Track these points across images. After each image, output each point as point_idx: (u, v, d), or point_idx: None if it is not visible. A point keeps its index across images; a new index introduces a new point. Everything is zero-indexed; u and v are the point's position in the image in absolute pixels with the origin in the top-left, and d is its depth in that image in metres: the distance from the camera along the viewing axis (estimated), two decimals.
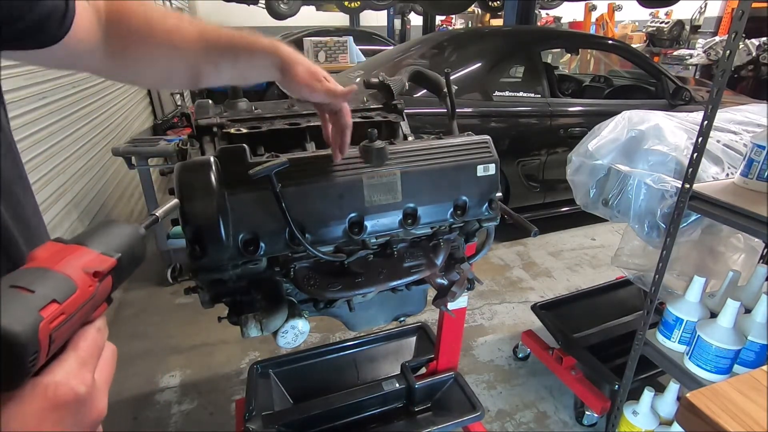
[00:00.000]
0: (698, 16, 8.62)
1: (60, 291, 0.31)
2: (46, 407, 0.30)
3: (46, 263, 0.32)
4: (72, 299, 0.31)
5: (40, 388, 0.30)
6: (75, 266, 0.32)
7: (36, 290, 0.29)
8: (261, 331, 0.85)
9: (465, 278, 1.03)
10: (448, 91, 1.07)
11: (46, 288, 0.30)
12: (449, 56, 3.17)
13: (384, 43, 7.02)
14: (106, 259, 0.35)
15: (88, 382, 0.33)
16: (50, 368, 0.31)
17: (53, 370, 0.31)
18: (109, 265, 0.35)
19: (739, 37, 1.03)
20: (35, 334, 0.28)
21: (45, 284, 0.30)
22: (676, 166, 1.34)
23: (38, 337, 0.28)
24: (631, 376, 1.47)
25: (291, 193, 0.79)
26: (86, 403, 0.32)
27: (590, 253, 3.13)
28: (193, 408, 1.85)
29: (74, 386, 0.31)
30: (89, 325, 0.35)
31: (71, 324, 0.32)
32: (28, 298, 0.29)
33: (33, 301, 0.29)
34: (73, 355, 0.33)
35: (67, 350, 0.33)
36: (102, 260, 0.34)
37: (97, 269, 0.33)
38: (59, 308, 0.30)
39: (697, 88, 3.60)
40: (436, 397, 1.60)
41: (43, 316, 0.29)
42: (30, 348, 0.28)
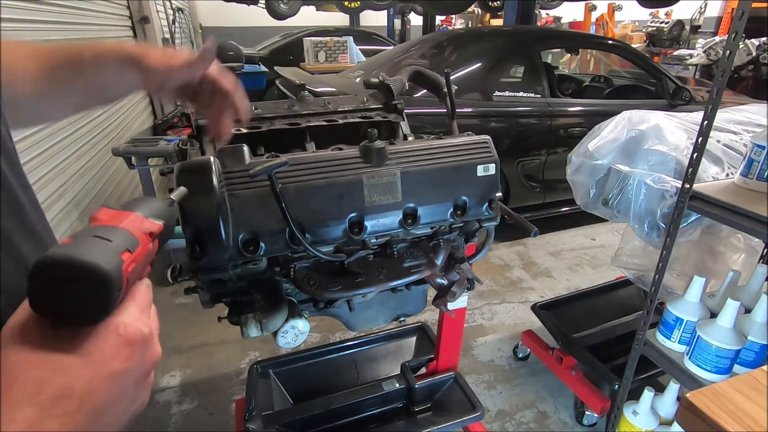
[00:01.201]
0: (698, 16, 8.62)
1: (130, 243, 0.35)
2: (120, 342, 0.33)
3: (111, 222, 0.36)
4: (138, 251, 0.35)
5: (113, 326, 0.33)
6: (135, 226, 0.37)
7: (113, 240, 0.33)
8: (261, 331, 0.85)
9: (465, 278, 1.03)
10: (448, 91, 1.08)
11: (120, 239, 0.34)
12: (449, 56, 3.17)
13: (384, 43, 7.02)
14: (155, 224, 0.39)
15: (149, 325, 0.37)
16: (117, 312, 0.34)
17: (121, 313, 0.35)
18: (159, 228, 0.39)
19: (739, 37, 1.03)
20: (120, 273, 0.32)
21: (118, 236, 0.34)
22: (676, 166, 1.34)
23: (122, 276, 0.32)
24: (631, 376, 1.47)
25: (291, 193, 0.79)
26: (148, 343, 0.37)
27: (590, 253, 3.13)
28: (193, 408, 1.85)
29: (140, 327, 0.35)
30: (141, 281, 0.39)
31: (137, 273, 0.36)
32: (109, 245, 0.33)
33: (113, 247, 0.33)
34: (133, 303, 0.36)
35: (127, 299, 0.36)
36: (152, 224, 0.39)
37: (152, 230, 0.38)
38: (132, 256, 0.34)
39: (697, 88, 3.60)
40: (436, 397, 1.60)
41: (123, 260, 0.33)
42: (117, 284, 0.32)
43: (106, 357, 0.32)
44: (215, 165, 0.75)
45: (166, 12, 4.95)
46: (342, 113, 1.07)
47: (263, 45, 6.96)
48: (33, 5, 2.19)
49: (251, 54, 6.29)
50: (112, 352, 0.33)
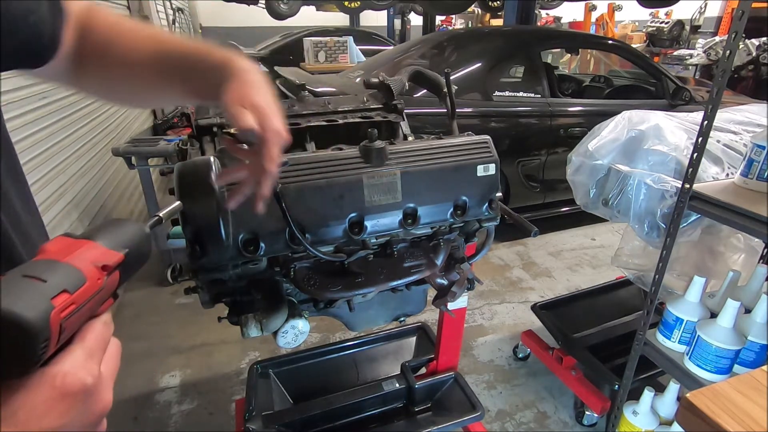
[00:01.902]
0: (698, 16, 8.62)
1: (70, 282, 0.31)
2: (54, 396, 0.30)
3: (57, 256, 0.32)
4: (82, 290, 0.31)
5: (48, 377, 0.30)
6: (84, 259, 0.33)
7: (48, 280, 0.30)
8: (261, 331, 0.85)
9: (465, 278, 1.03)
10: (448, 91, 1.08)
11: (57, 278, 0.30)
12: (449, 56, 3.17)
13: (384, 43, 7.02)
14: (114, 254, 0.35)
15: (95, 373, 0.33)
16: (58, 359, 0.31)
17: (61, 360, 0.31)
18: (117, 259, 0.35)
19: (739, 37, 1.03)
20: (47, 322, 0.28)
21: (56, 275, 0.30)
22: (676, 166, 1.34)
23: (50, 325, 0.29)
24: (631, 376, 1.47)
25: (291, 193, 0.79)
26: (93, 394, 0.32)
27: (590, 253, 3.13)
28: (193, 408, 1.85)
29: (82, 377, 0.31)
30: (96, 319, 0.35)
31: (80, 315, 0.32)
32: (40, 287, 0.29)
33: (45, 289, 0.29)
34: (81, 346, 0.33)
35: (75, 342, 0.33)
36: (110, 255, 0.35)
37: (106, 263, 0.34)
38: (70, 298, 0.30)
39: (697, 88, 3.60)
40: (436, 397, 1.60)
41: (54, 305, 0.29)
42: (42, 335, 0.28)
43: (38, 412, 0.29)
44: (215, 165, 0.75)
45: (166, 12, 4.95)
46: (342, 113, 1.07)
47: (263, 45, 6.96)
48: None
49: (251, 54, 6.29)
50: (45, 407, 0.29)
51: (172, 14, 5.13)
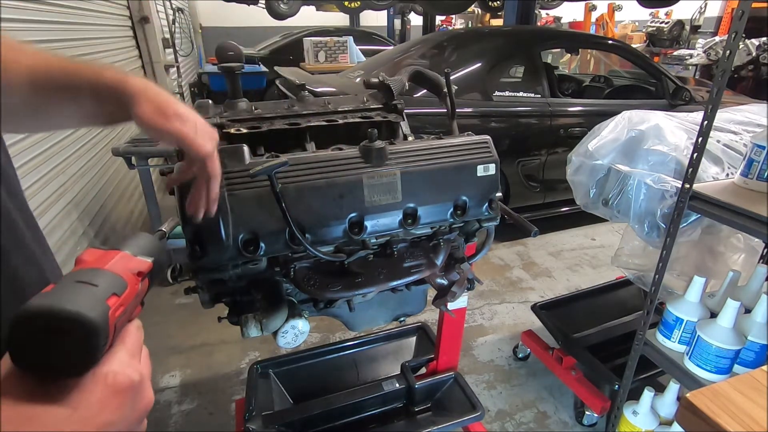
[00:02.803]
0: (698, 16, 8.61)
1: (117, 286, 0.33)
2: (107, 393, 0.32)
3: (96, 264, 0.34)
4: (126, 294, 0.34)
5: (100, 376, 0.32)
6: (122, 267, 0.35)
7: (98, 284, 0.32)
8: (261, 331, 0.85)
9: (465, 278, 1.03)
10: (448, 91, 1.08)
11: (106, 283, 0.32)
12: (449, 56, 3.17)
13: (384, 43, 7.02)
14: (145, 262, 0.38)
15: (140, 370, 0.35)
16: (105, 359, 0.33)
17: (108, 360, 0.33)
18: (148, 267, 0.38)
19: (739, 37, 1.03)
20: (106, 321, 0.31)
21: (103, 280, 0.33)
22: (676, 166, 1.34)
23: (108, 324, 0.31)
24: (631, 376, 1.47)
25: (291, 193, 0.79)
26: (140, 391, 0.35)
27: (590, 253, 3.13)
28: (193, 408, 1.85)
29: (130, 374, 0.33)
30: (130, 323, 0.37)
31: (126, 316, 0.34)
32: (94, 291, 0.31)
33: (98, 292, 0.31)
34: (123, 348, 0.35)
35: (116, 344, 0.34)
36: (142, 263, 0.38)
37: (140, 270, 0.37)
38: (119, 300, 0.33)
39: (697, 88, 3.60)
40: (436, 397, 1.60)
41: (109, 306, 0.31)
42: (103, 334, 0.30)
43: (94, 409, 0.31)
44: None
45: (166, 12, 4.95)
46: (342, 113, 1.07)
47: (263, 45, 6.96)
48: (33, 5, 2.19)
49: (251, 54, 6.30)
50: (100, 404, 0.31)
51: (172, 14, 5.13)
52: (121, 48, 3.64)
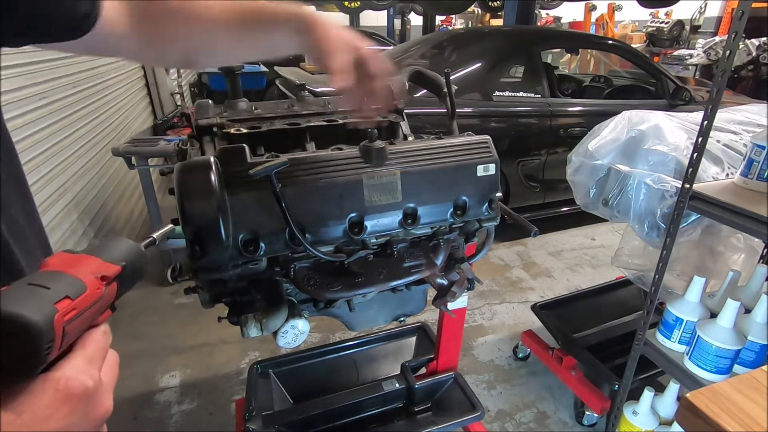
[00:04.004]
0: (698, 16, 8.62)
1: (72, 289, 0.33)
2: (57, 398, 0.31)
3: (59, 268, 0.34)
4: (82, 297, 0.33)
5: (50, 381, 0.31)
6: (85, 270, 0.35)
7: (51, 287, 0.31)
8: (261, 331, 0.85)
9: (465, 278, 1.03)
10: (448, 91, 1.07)
11: (60, 286, 0.32)
12: (449, 56, 3.17)
13: (384, 43, 7.02)
14: (112, 266, 0.38)
15: (96, 377, 0.34)
16: (60, 364, 0.32)
17: (63, 365, 0.32)
18: (115, 271, 0.38)
19: (739, 37, 1.03)
20: (51, 324, 0.30)
21: (59, 283, 0.32)
22: (676, 166, 1.34)
23: (54, 327, 0.30)
24: (631, 376, 1.47)
25: (291, 193, 0.79)
26: (94, 397, 0.33)
27: (590, 253, 3.13)
28: (193, 408, 1.85)
29: (83, 380, 0.32)
30: (95, 328, 0.37)
31: (80, 321, 0.34)
32: (44, 293, 0.31)
33: (48, 295, 0.31)
34: (81, 353, 0.34)
35: (75, 349, 0.34)
36: (108, 267, 0.37)
37: (105, 274, 0.37)
38: (71, 304, 0.32)
39: (697, 88, 3.60)
40: (436, 397, 1.60)
41: (57, 309, 0.31)
42: (46, 336, 0.29)
43: (41, 415, 0.29)
44: (215, 165, 0.75)
45: None
46: (342, 113, 1.07)
47: None
48: None
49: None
50: (48, 409, 0.30)
51: None
52: None
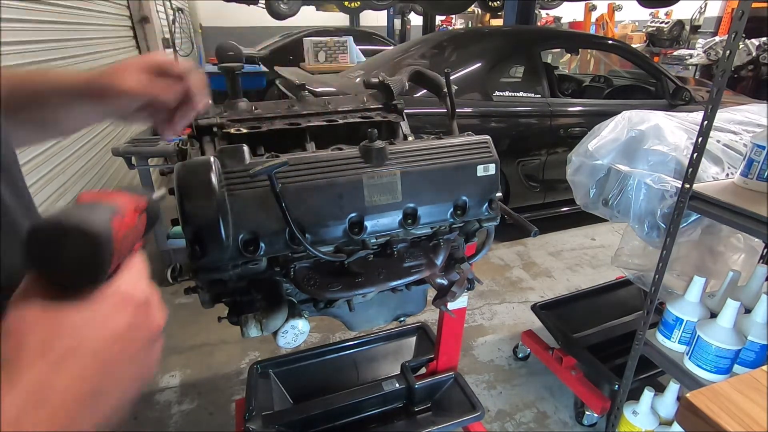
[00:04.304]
0: (698, 16, 8.61)
1: (116, 211, 0.35)
2: (121, 303, 0.34)
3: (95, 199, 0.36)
4: (126, 219, 0.36)
5: (111, 290, 0.34)
6: (119, 201, 0.37)
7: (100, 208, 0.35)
8: (261, 331, 0.85)
9: (465, 278, 1.03)
10: (448, 91, 1.07)
11: (107, 208, 0.35)
12: (449, 56, 3.17)
13: (384, 43, 7.02)
14: (141, 198, 0.40)
15: (148, 290, 0.38)
16: (115, 279, 0.35)
17: (118, 280, 0.35)
18: (144, 202, 0.40)
19: (739, 37, 1.03)
20: (110, 233, 0.33)
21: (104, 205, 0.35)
22: (676, 166, 1.34)
23: (112, 239, 0.33)
24: (631, 376, 1.47)
25: (291, 193, 0.79)
26: (150, 306, 0.37)
27: (590, 253, 3.13)
28: (193, 408, 1.85)
29: (141, 288, 0.37)
30: (134, 253, 0.40)
31: (126, 242, 0.37)
32: (98, 211, 0.34)
33: (101, 211, 0.34)
34: (129, 271, 0.37)
35: (123, 269, 0.37)
36: (138, 198, 0.40)
37: (137, 204, 0.39)
38: (120, 220, 0.35)
39: (697, 88, 3.60)
40: (436, 397, 1.60)
41: (113, 222, 0.34)
42: (107, 243, 0.33)
43: (109, 317, 0.33)
44: (215, 165, 0.75)
45: (166, 12, 4.95)
46: (342, 113, 1.07)
47: (263, 45, 6.95)
48: (33, 5, 2.19)
49: (251, 54, 6.29)
50: (114, 313, 0.34)
51: (172, 14, 5.13)
52: (121, 48, 3.64)
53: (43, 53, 2.21)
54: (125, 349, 0.34)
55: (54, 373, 0.29)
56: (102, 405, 0.32)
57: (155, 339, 0.38)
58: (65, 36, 2.54)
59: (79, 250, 0.31)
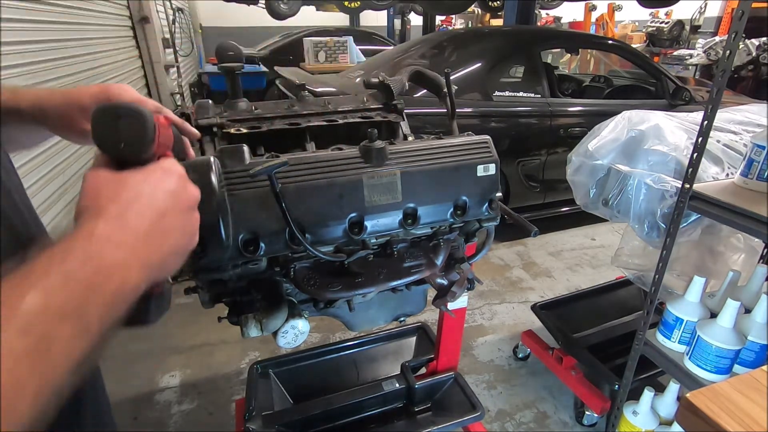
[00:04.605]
0: (698, 16, 8.61)
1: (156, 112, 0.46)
2: (165, 172, 0.44)
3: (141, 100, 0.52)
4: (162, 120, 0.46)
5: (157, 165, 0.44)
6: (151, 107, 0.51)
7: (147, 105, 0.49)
8: (261, 331, 0.85)
9: (465, 278, 1.03)
10: (448, 91, 1.07)
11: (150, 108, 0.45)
12: (449, 56, 3.17)
13: (384, 43, 7.02)
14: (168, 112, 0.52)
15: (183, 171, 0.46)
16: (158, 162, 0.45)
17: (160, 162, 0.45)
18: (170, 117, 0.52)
19: (739, 37, 1.03)
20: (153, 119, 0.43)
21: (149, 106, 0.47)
22: (676, 166, 1.34)
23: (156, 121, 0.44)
24: (631, 376, 1.47)
25: (291, 193, 0.79)
26: (188, 183, 0.46)
27: (590, 253, 3.13)
28: (193, 408, 1.85)
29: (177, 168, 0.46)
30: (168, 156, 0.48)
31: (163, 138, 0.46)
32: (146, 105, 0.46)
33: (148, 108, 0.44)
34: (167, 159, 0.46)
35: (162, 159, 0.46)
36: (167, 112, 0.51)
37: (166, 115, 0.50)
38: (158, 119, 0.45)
39: (697, 88, 3.60)
40: (436, 397, 1.60)
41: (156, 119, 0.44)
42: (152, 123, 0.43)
43: (159, 178, 0.43)
44: (215, 165, 0.74)
45: (166, 12, 4.95)
46: (342, 113, 1.07)
47: (263, 45, 6.96)
48: (33, 5, 2.19)
49: (251, 54, 6.30)
50: (163, 177, 0.43)
51: (172, 14, 5.13)
52: (121, 48, 3.64)
53: (43, 53, 2.21)
54: (173, 203, 0.42)
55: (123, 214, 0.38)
56: (160, 245, 0.41)
57: (193, 207, 0.46)
58: (65, 36, 2.54)
59: (134, 127, 0.42)
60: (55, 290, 0.32)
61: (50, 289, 0.31)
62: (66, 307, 0.32)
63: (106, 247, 0.36)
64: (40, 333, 0.30)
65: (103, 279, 0.34)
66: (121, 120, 0.41)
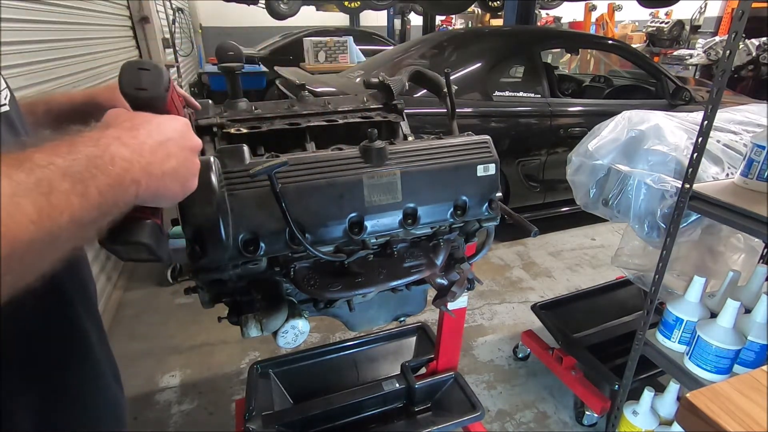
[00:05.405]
0: (698, 16, 8.61)
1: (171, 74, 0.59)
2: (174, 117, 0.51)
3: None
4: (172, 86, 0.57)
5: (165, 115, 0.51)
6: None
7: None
8: (261, 331, 0.85)
9: (465, 278, 1.03)
10: (448, 91, 1.07)
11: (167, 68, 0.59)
12: (449, 56, 3.17)
13: (384, 43, 7.02)
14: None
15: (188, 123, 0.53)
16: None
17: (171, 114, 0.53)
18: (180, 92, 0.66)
19: (739, 37, 1.03)
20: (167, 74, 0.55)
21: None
22: (676, 166, 1.34)
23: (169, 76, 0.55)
24: (631, 376, 1.47)
25: (291, 193, 0.79)
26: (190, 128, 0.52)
27: (590, 253, 3.13)
28: (193, 408, 1.85)
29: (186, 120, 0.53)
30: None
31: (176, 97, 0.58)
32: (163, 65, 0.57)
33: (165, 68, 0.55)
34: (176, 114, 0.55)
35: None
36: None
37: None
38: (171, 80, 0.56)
39: (697, 88, 3.60)
40: (436, 397, 1.60)
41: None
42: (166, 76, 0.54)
43: (169, 119, 0.50)
44: (215, 165, 0.74)
45: (166, 12, 4.95)
46: (342, 113, 1.07)
47: (263, 45, 6.96)
48: (33, 5, 2.19)
49: (251, 54, 6.30)
50: (172, 119, 0.50)
51: (172, 14, 5.13)
52: (121, 48, 3.64)
53: (43, 53, 2.21)
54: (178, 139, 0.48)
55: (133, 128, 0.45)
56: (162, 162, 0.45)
57: (195, 152, 0.52)
58: (65, 36, 2.54)
59: (152, 76, 0.52)
60: (61, 152, 0.36)
61: (57, 151, 0.36)
62: (68, 169, 0.36)
63: (113, 142, 0.41)
64: (42, 177, 0.34)
65: (106, 161, 0.39)
66: (143, 71, 0.52)
